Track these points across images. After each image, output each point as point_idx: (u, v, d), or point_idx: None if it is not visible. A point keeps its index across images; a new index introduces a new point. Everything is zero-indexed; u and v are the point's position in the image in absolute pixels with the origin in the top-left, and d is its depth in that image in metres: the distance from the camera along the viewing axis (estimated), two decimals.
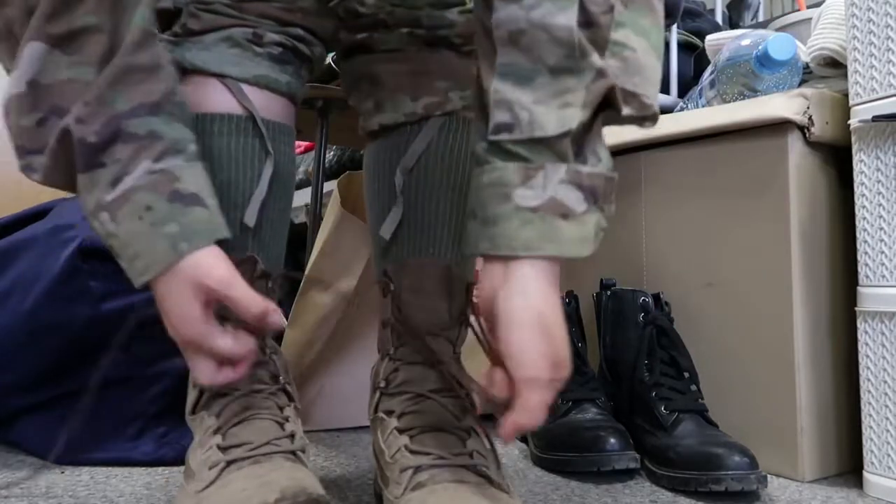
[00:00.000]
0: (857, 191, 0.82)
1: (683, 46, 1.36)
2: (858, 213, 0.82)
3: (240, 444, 0.60)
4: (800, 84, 0.99)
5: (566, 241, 0.49)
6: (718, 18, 1.51)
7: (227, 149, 0.67)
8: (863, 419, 0.81)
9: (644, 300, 0.92)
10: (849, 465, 0.88)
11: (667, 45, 1.34)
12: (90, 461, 0.86)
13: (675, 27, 1.34)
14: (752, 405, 0.89)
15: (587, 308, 1.02)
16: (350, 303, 1.04)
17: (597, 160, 0.51)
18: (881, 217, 0.80)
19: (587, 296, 1.03)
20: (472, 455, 0.61)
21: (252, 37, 0.68)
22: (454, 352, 0.69)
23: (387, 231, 0.70)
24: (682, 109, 1.13)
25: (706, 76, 1.06)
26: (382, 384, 0.67)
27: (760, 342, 0.88)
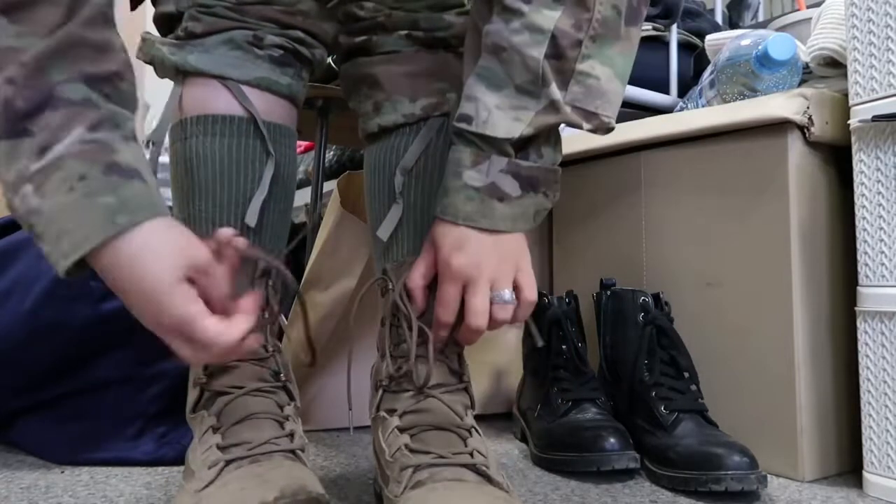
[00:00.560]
0: (857, 191, 0.82)
1: (683, 46, 1.36)
2: (858, 213, 0.82)
3: (239, 444, 0.60)
4: (800, 84, 0.99)
5: (498, 218, 0.61)
6: (718, 18, 1.51)
7: (229, 150, 0.68)
8: (863, 419, 0.81)
9: (644, 300, 0.92)
10: (849, 465, 0.88)
11: (667, 45, 1.34)
12: (90, 461, 0.86)
13: (675, 27, 1.34)
14: (752, 405, 0.89)
15: (587, 308, 1.02)
16: (350, 303, 1.04)
17: (538, 157, 0.61)
18: (881, 217, 0.80)
19: (587, 296, 1.03)
20: (473, 454, 0.61)
21: (253, 39, 0.69)
22: (456, 349, 0.69)
23: (385, 231, 0.70)
24: (682, 109, 1.13)
25: (706, 76, 1.06)
26: (385, 382, 0.67)
27: (760, 342, 0.88)
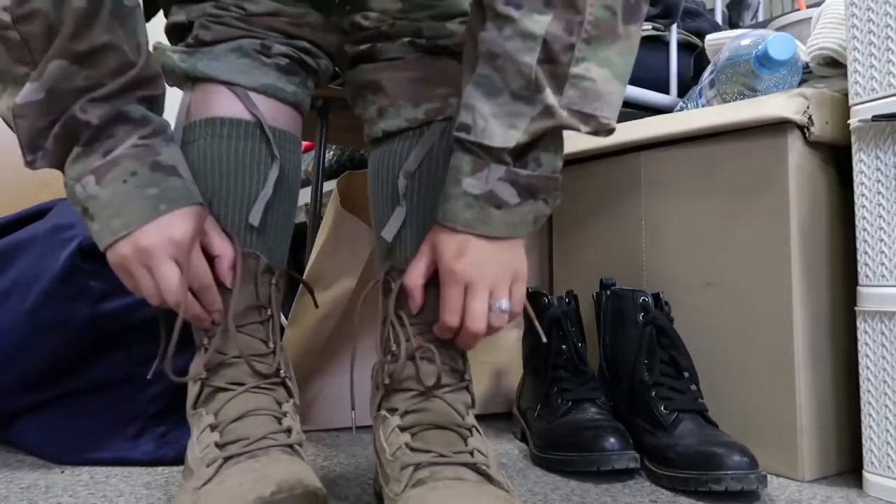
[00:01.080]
0: (857, 190, 0.82)
1: (683, 46, 1.36)
2: (858, 213, 0.82)
3: (236, 441, 0.61)
4: (800, 84, 0.99)
5: (496, 225, 0.61)
6: (718, 18, 1.51)
7: (235, 152, 0.70)
8: (863, 419, 0.81)
9: (644, 300, 0.92)
10: (848, 465, 0.89)
11: (667, 45, 1.34)
12: (90, 461, 0.86)
13: (675, 27, 1.34)
14: (752, 405, 0.89)
15: (587, 308, 1.02)
16: (350, 302, 1.04)
17: (536, 166, 0.61)
18: (881, 217, 0.80)
19: (587, 296, 1.03)
20: (473, 453, 0.61)
21: (260, 48, 0.71)
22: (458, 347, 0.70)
23: (389, 233, 0.71)
24: (682, 109, 1.13)
25: (706, 76, 1.06)
26: (387, 381, 0.67)
27: (760, 342, 0.88)
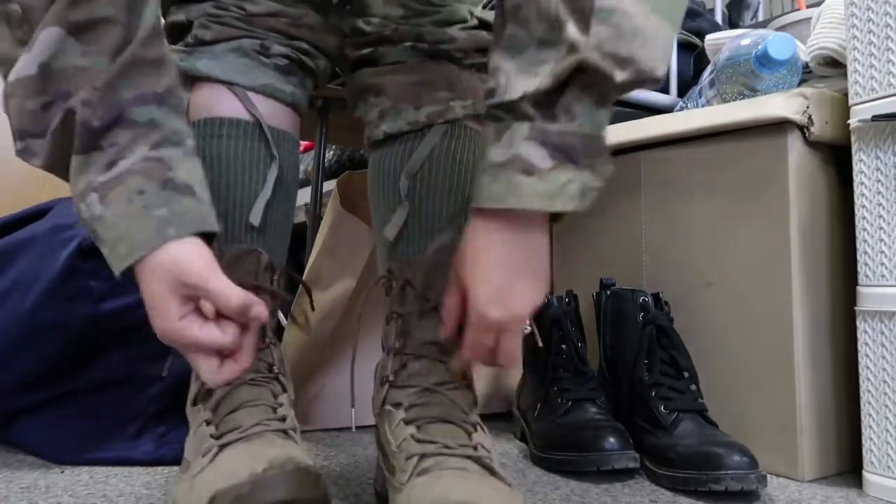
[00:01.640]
0: (857, 190, 0.82)
1: (683, 46, 1.36)
2: (858, 213, 0.82)
3: (232, 430, 0.61)
4: (799, 84, 0.99)
5: (527, 195, 0.51)
6: (718, 18, 1.51)
7: (234, 151, 0.70)
8: (862, 419, 0.81)
9: (644, 300, 0.92)
10: (848, 465, 0.88)
11: None
12: (90, 461, 0.86)
13: None
14: (752, 405, 0.89)
15: (587, 308, 1.02)
16: (351, 302, 1.04)
17: (569, 119, 0.51)
18: (881, 217, 0.80)
19: (587, 296, 1.03)
20: (477, 447, 0.61)
21: (259, 48, 0.71)
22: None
23: (391, 232, 0.71)
24: (682, 109, 1.13)
25: (706, 76, 1.06)
26: (391, 377, 0.68)
27: (760, 342, 0.88)
